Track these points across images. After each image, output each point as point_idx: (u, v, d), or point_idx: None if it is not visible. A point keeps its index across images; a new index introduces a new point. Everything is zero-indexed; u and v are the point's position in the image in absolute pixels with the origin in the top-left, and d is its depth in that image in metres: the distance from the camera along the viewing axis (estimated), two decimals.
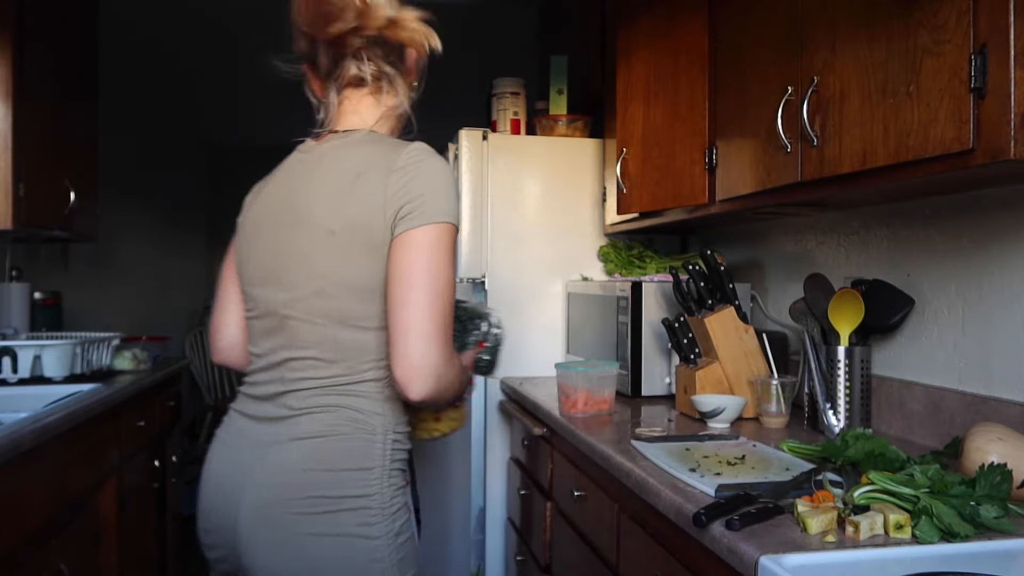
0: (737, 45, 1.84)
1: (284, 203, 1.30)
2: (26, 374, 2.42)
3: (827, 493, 1.19)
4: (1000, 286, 1.55)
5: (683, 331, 2.07)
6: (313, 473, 1.20)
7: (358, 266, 1.21)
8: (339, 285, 1.22)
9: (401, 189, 1.20)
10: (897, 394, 1.79)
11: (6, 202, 2.41)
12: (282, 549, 1.19)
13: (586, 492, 1.84)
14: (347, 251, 1.21)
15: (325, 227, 1.22)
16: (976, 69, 1.14)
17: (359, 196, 1.21)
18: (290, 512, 1.19)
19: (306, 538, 1.19)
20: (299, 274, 1.24)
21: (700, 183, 2.01)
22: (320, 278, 1.22)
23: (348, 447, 1.22)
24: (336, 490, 1.20)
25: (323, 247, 1.22)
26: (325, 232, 1.22)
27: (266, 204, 1.34)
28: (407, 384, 1.18)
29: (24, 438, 1.70)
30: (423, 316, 1.17)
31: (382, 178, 1.20)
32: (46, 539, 1.86)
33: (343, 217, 1.21)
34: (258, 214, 1.35)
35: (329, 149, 1.29)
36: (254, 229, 1.35)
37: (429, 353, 1.18)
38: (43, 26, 2.66)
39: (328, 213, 1.22)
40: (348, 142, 1.29)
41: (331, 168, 1.26)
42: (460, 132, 2.73)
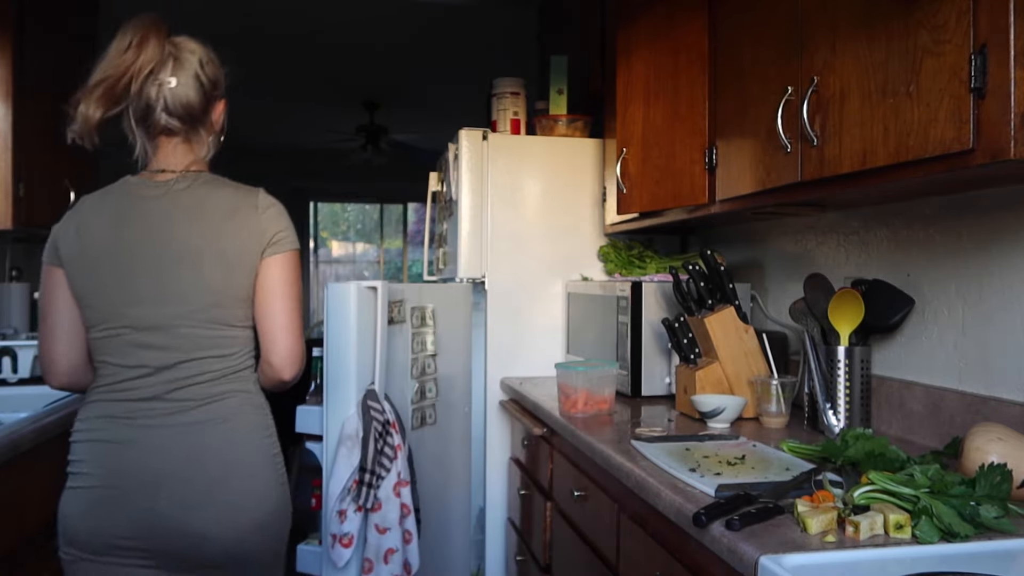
0: (737, 45, 1.84)
1: (151, 233, 1.50)
2: (26, 374, 2.42)
3: (827, 493, 1.19)
4: (1000, 286, 1.55)
5: (683, 331, 2.07)
6: (234, 450, 1.49)
7: (241, 281, 1.51)
8: (230, 296, 1.50)
9: (269, 224, 1.52)
10: (897, 394, 1.79)
11: (6, 202, 2.41)
12: (217, 517, 1.46)
13: (586, 492, 1.84)
14: (233, 270, 1.50)
15: (215, 251, 1.49)
16: (976, 69, 1.14)
17: (238, 228, 1.50)
18: (221, 484, 1.47)
19: (244, 496, 1.49)
20: (193, 290, 1.48)
21: (700, 183, 2.01)
22: (216, 292, 1.49)
23: (254, 422, 1.54)
24: (257, 456, 1.52)
25: (215, 267, 1.48)
26: (215, 255, 1.48)
27: (121, 236, 1.51)
28: (283, 369, 1.52)
29: (24, 438, 1.71)
30: (290, 317, 1.53)
31: (255, 215, 1.52)
32: (46, 539, 1.86)
33: (229, 243, 1.49)
34: (111, 245, 1.50)
35: (183, 189, 1.54)
36: (110, 259, 1.50)
37: (298, 345, 1.53)
38: (43, 26, 2.66)
39: (214, 240, 1.49)
40: (199, 183, 1.55)
41: (201, 204, 1.53)
42: (460, 132, 2.73)
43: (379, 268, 9.81)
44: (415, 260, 9.78)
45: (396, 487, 2.01)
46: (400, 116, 6.48)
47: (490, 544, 2.75)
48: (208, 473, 1.45)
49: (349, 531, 1.93)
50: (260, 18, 4.23)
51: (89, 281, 1.50)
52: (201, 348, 1.49)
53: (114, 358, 1.49)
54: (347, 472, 1.95)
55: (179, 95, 1.53)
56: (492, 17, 4.19)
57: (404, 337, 2.29)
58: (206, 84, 1.56)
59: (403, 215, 9.58)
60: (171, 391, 1.48)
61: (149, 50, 1.54)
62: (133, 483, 1.44)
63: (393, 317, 2.22)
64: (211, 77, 1.58)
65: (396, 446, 2.03)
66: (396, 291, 2.24)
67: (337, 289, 2.08)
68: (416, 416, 2.35)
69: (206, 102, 1.57)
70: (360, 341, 2.07)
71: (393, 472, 2.01)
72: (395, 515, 2.00)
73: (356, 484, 1.95)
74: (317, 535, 2.13)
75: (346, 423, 2.00)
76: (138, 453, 1.45)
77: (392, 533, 2.00)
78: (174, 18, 1.65)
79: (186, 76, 1.54)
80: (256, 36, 4.53)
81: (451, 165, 2.80)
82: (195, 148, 1.59)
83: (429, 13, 4.15)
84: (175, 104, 1.53)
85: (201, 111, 1.56)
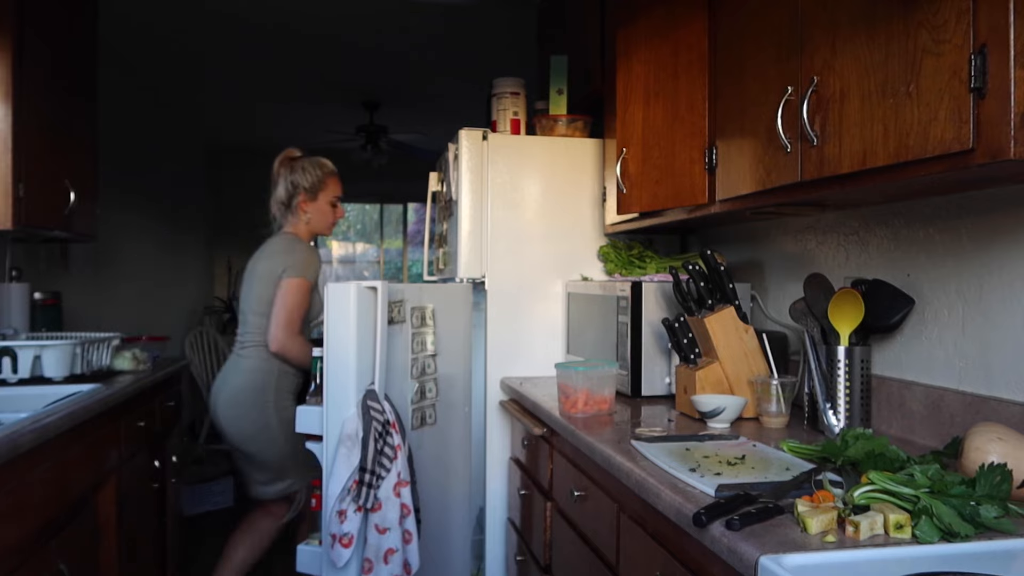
0: (737, 45, 1.84)
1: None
2: (26, 374, 2.42)
3: (827, 493, 1.19)
4: (1000, 286, 1.55)
5: (683, 331, 2.07)
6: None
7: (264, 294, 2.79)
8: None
9: (284, 259, 2.78)
10: (897, 394, 1.79)
11: (6, 202, 2.41)
12: (236, 420, 2.76)
13: (586, 492, 1.84)
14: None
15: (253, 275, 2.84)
16: (976, 69, 1.14)
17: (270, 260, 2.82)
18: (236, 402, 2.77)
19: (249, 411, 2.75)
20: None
21: (700, 183, 2.01)
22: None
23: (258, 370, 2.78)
24: (261, 394, 2.75)
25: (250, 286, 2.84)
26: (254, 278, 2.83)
27: None
28: (270, 342, 2.70)
29: (24, 438, 1.70)
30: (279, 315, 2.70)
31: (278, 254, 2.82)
32: (46, 539, 1.86)
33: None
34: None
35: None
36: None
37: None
38: (43, 26, 2.66)
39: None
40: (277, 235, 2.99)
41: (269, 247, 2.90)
42: (460, 132, 2.73)
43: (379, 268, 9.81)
44: (415, 260, 9.78)
45: (396, 487, 2.02)
46: (400, 116, 6.48)
47: (490, 544, 2.75)
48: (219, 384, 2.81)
49: (349, 531, 1.94)
50: (260, 18, 4.23)
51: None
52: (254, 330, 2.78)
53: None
54: (347, 472, 1.95)
55: (275, 195, 2.90)
56: (492, 17, 4.19)
57: (404, 337, 2.30)
58: (289, 188, 2.86)
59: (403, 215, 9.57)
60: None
61: (275, 167, 2.93)
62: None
63: (393, 317, 2.23)
64: (294, 182, 2.85)
65: (396, 446, 2.03)
66: (396, 291, 2.25)
67: (337, 289, 2.08)
68: (416, 416, 2.36)
69: (288, 198, 2.87)
70: (360, 341, 2.07)
71: (393, 472, 2.02)
72: (395, 515, 2.01)
73: (356, 484, 1.95)
74: (317, 535, 2.13)
75: (346, 423, 2.01)
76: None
77: (392, 533, 2.00)
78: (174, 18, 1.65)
79: (282, 181, 2.89)
80: (256, 36, 4.53)
81: (451, 165, 2.80)
82: (290, 220, 2.90)
83: (429, 13, 4.15)
84: (273, 200, 2.91)
85: (287, 202, 2.89)
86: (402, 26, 4.41)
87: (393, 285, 2.22)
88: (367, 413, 2.01)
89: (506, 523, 2.72)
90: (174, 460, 3.18)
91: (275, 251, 2.76)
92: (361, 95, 6.05)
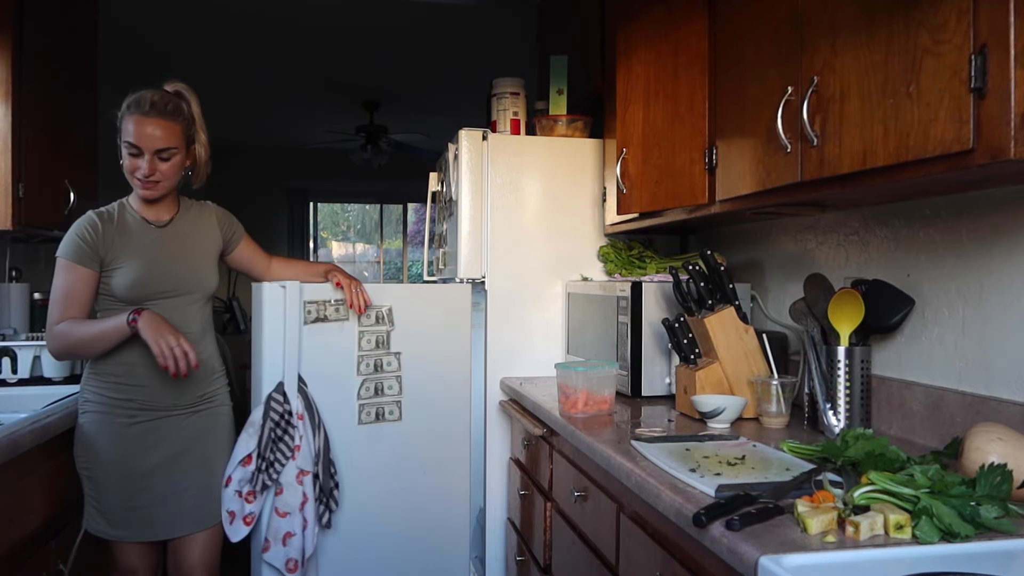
0: (737, 45, 1.84)
1: None
2: (26, 374, 2.42)
3: (827, 493, 1.19)
4: (1000, 286, 1.55)
5: (683, 331, 2.07)
6: None
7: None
8: None
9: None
10: (897, 394, 1.79)
11: (6, 202, 2.41)
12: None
13: (586, 492, 1.84)
14: None
15: None
16: (976, 69, 1.14)
17: None
18: None
19: None
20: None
21: (700, 183, 2.01)
22: None
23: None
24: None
25: None
26: None
27: None
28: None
29: (24, 438, 1.70)
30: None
31: None
32: (46, 539, 1.86)
33: None
34: None
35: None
36: None
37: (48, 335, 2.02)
38: (43, 27, 2.66)
39: None
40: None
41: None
42: (460, 132, 2.73)
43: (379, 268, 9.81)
44: (415, 260, 9.77)
45: (299, 476, 2.23)
46: (400, 116, 6.48)
47: (490, 544, 2.75)
48: None
49: (253, 511, 2.18)
50: (260, 17, 4.23)
51: None
52: None
53: None
54: (242, 454, 2.17)
55: None
56: (492, 17, 4.19)
57: (345, 335, 2.44)
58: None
59: (403, 215, 9.57)
60: None
61: None
62: None
63: (327, 316, 2.42)
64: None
65: (300, 436, 2.25)
66: (321, 290, 2.41)
67: (254, 288, 2.36)
68: (366, 411, 2.49)
69: None
70: (270, 337, 2.32)
71: (295, 461, 2.23)
72: (296, 501, 2.22)
73: (255, 470, 2.17)
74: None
75: (254, 411, 2.26)
76: None
77: (292, 518, 2.21)
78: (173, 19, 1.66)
79: None
80: (256, 36, 4.53)
81: (451, 165, 2.80)
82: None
83: (429, 13, 4.15)
84: None
85: None
86: (402, 26, 4.41)
87: (313, 285, 2.40)
88: (268, 404, 2.23)
89: (506, 523, 2.72)
90: None
91: None
92: (361, 95, 6.05)
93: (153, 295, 2.05)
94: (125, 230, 2.07)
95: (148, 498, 2.02)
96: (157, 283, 2.05)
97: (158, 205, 2.13)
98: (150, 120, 1.99)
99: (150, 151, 1.99)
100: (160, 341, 1.91)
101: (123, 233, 2.06)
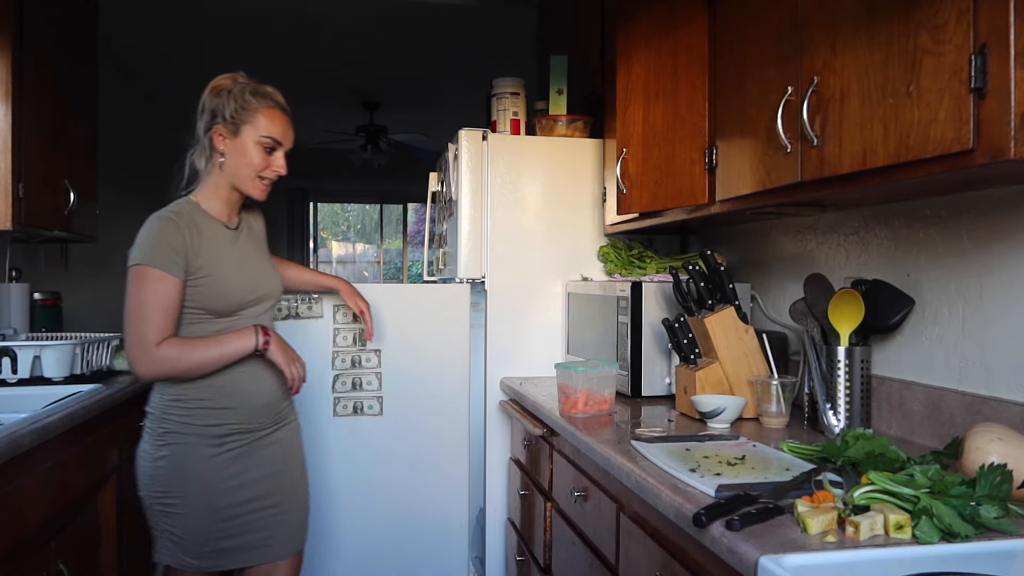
0: (737, 45, 1.84)
1: None
2: (26, 374, 2.42)
3: (827, 493, 1.19)
4: (1000, 286, 1.55)
5: (683, 331, 2.07)
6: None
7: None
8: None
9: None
10: (897, 394, 1.79)
11: (6, 202, 2.41)
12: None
13: (586, 492, 1.84)
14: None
15: None
16: (976, 69, 1.14)
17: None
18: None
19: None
20: None
21: (700, 183, 2.01)
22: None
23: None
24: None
25: None
26: None
27: None
28: (132, 368, 1.84)
29: (24, 438, 1.70)
30: (127, 326, 1.85)
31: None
32: (46, 539, 1.86)
33: None
34: None
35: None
36: None
37: (131, 350, 1.83)
38: (43, 27, 2.66)
39: None
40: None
41: None
42: (460, 132, 2.73)
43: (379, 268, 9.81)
44: (415, 260, 9.77)
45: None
46: (400, 116, 6.48)
47: (490, 544, 2.75)
48: None
49: None
50: (260, 18, 4.23)
51: None
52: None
53: None
54: None
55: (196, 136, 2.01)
56: (492, 17, 4.19)
57: (318, 331, 2.61)
58: (207, 119, 1.95)
59: (403, 215, 9.57)
60: None
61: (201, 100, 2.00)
62: None
63: (299, 312, 2.58)
64: (213, 109, 1.93)
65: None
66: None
67: None
68: (342, 404, 2.62)
69: (204, 131, 1.95)
70: None
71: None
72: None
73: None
74: None
75: None
76: None
77: None
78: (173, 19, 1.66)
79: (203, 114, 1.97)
80: (256, 36, 4.53)
81: (451, 165, 2.80)
82: (203, 175, 2.00)
83: (429, 13, 4.15)
84: (194, 148, 2.02)
85: (203, 139, 1.97)
86: (402, 26, 4.41)
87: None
88: None
89: (506, 523, 2.72)
90: None
91: (137, 235, 1.88)
92: (361, 95, 6.05)
93: (246, 304, 1.91)
94: (204, 235, 1.87)
95: (241, 525, 1.89)
96: (246, 292, 1.91)
97: (232, 206, 1.97)
98: (285, 116, 1.94)
99: (285, 148, 1.92)
100: (292, 367, 1.86)
101: (203, 238, 1.87)
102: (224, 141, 1.89)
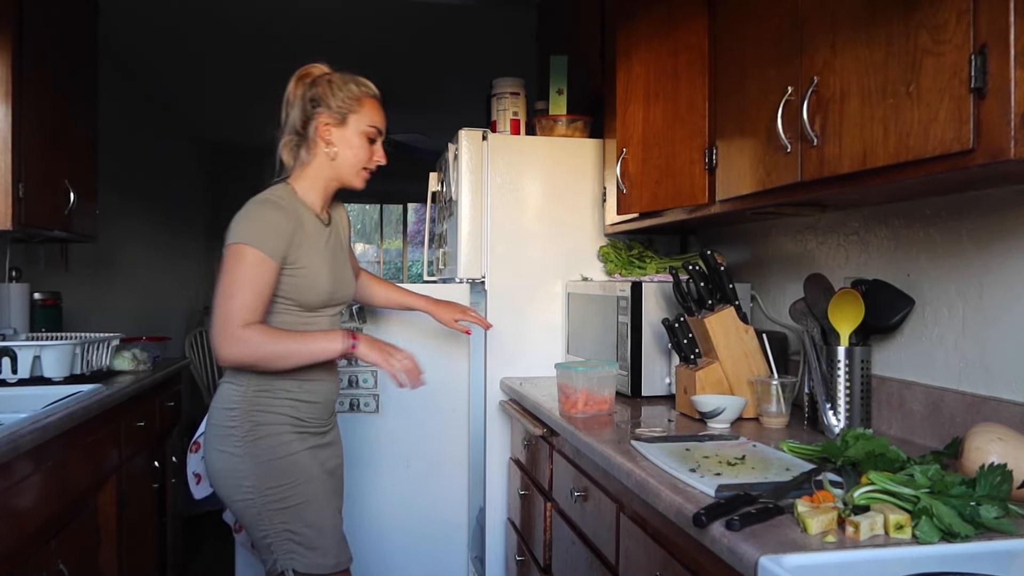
0: (737, 45, 1.84)
1: None
2: (26, 374, 2.42)
3: (827, 493, 1.19)
4: (1000, 286, 1.55)
5: (683, 331, 2.07)
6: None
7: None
8: None
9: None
10: (897, 394, 1.79)
11: (6, 202, 2.41)
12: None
13: (586, 492, 1.84)
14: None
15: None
16: (976, 69, 1.14)
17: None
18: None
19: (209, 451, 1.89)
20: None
21: (700, 183, 2.01)
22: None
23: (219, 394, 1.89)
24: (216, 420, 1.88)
25: None
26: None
27: None
28: (215, 348, 1.76)
29: (24, 438, 1.70)
30: (217, 303, 1.77)
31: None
32: (46, 539, 1.86)
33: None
34: None
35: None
36: None
37: (216, 327, 1.76)
38: (43, 27, 2.66)
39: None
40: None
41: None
42: (460, 132, 2.73)
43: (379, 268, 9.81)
44: (415, 260, 9.77)
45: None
46: (400, 116, 6.47)
47: (490, 544, 2.75)
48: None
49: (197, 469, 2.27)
50: (259, 17, 4.23)
51: None
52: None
53: None
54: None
55: (288, 124, 2.00)
56: (492, 17, 4.19)
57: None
58: (308, 107, 1.94)
59: (403, 215, 9.57)
60: None
61: (289, 89, 2.02)
62: None
63: None
64: (315, 98, 1.93)
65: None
66: None
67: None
68: (337, 401, 2.60)
69: (304, 122, 1.94)
70: None
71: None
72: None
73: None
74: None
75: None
76: None
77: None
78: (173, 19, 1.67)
79: (298, 103, 1.97)
80: (256, 36, 4.53)
81: (451, 165, 2.80)
82: (299, 164, 1.97)
83: (429, 13, 4.15)
84: (284, 137, 2.01)
85: (302, 129, 1.95)
86: (402, 26, 4.41)
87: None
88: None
89: (506, 523, 2.72)
90: (174, 460, 3.18)
91: (238, 216, 1.82)
92: None
93: (333, 302, 1.90)
94: (304, 226, 1.83)
95: (339, 518, 1.92)
96: (333, 291, 1.89)
97: (327, 198, 1.94)
98: (382, 106, 1.95)
99: (382, 139, 1.93)
100: (392, 361, 1.80)
101: (304, 229, 1.83)
102: (330, 131, 1.87)
